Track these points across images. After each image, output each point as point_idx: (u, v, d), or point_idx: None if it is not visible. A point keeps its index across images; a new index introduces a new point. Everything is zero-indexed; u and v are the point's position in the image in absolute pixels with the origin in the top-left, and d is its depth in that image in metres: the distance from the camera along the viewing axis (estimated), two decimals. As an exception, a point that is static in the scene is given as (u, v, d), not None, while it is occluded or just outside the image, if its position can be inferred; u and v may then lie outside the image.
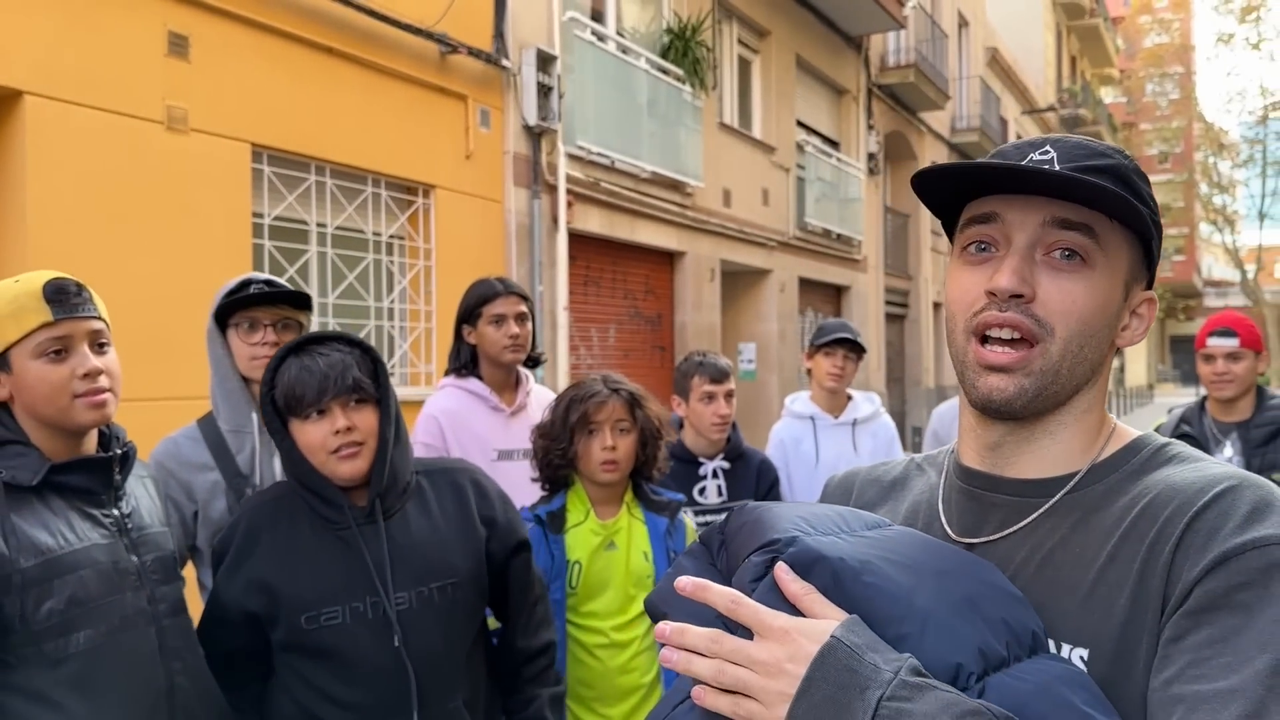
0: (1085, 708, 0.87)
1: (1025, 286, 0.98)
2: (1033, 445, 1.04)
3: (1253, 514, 0.89)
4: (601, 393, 2.51)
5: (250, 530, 1.92)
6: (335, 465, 1.87)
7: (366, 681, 1.86)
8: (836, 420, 3.99)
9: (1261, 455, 3.47)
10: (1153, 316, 1.06)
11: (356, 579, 1.87)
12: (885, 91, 16.28)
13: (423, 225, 7.34)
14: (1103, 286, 0.99)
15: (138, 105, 5.30)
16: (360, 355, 1.93)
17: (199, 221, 5.58)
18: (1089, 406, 1.04)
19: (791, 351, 12.97)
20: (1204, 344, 3.51)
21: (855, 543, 0.96)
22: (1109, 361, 1.05)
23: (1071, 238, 0.98)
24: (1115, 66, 38.29)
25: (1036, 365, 0.99)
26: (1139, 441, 1.05)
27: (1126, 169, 1.00)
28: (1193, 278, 54.39)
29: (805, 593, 0.89)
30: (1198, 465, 0.98)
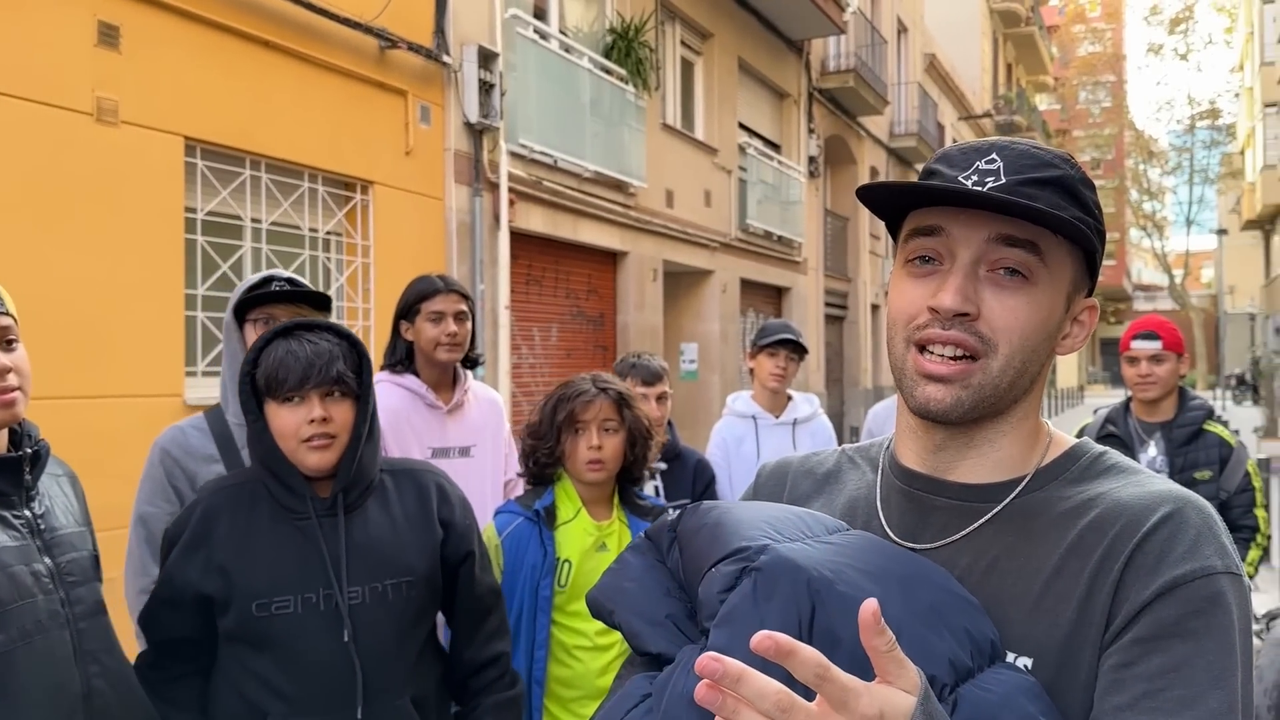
0: (1041, 717, 0.89)
1: (969, 305, 0.97)
2: (974, 451, 1.05)
3: (1198, 539, 0.92)
4: (589, 391, 2.50)
5: (207, 514, 1.91)
6: (304, 455, 1.86)
7: (312, 674, 1.84)
8: (778, 420, 4.04)
9: (1184, 454, 3.57)
10: (1094, 323, 1.06)
11: (311, 570, 1.86)
12: (825, 96, 16.45)
13: (361, 222, 7.25)
14: (1045, 301, 1.00)
15: (66, 96, 5.16)
16: (347, 348, 1.92)
17: (130, 216, 5.45)
18: (1026, 414, 1.05)
19: (733, 352, 13.05)
20: (1128, 347, 3.61)
21: (823, 549, 0.95)
22: (1047, 370, 1.07)
23: (1016, 255, 0.98)
24: (1050, 74, 39.11)
25: (976, 379, 0.99)
26: (1078, 449, 1.06)
27: (1073, 180, 1.00)
28: (1123, 282, 55.81)
29: (888, 649, 0.77)
30: (1139, 479, 1.00)
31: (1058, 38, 43.75)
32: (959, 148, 1.03)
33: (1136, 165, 42.92)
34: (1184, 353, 3.59)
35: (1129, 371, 3.62)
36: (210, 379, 6.14)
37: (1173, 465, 3.56)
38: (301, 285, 2.49)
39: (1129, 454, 3.62)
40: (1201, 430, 3.58)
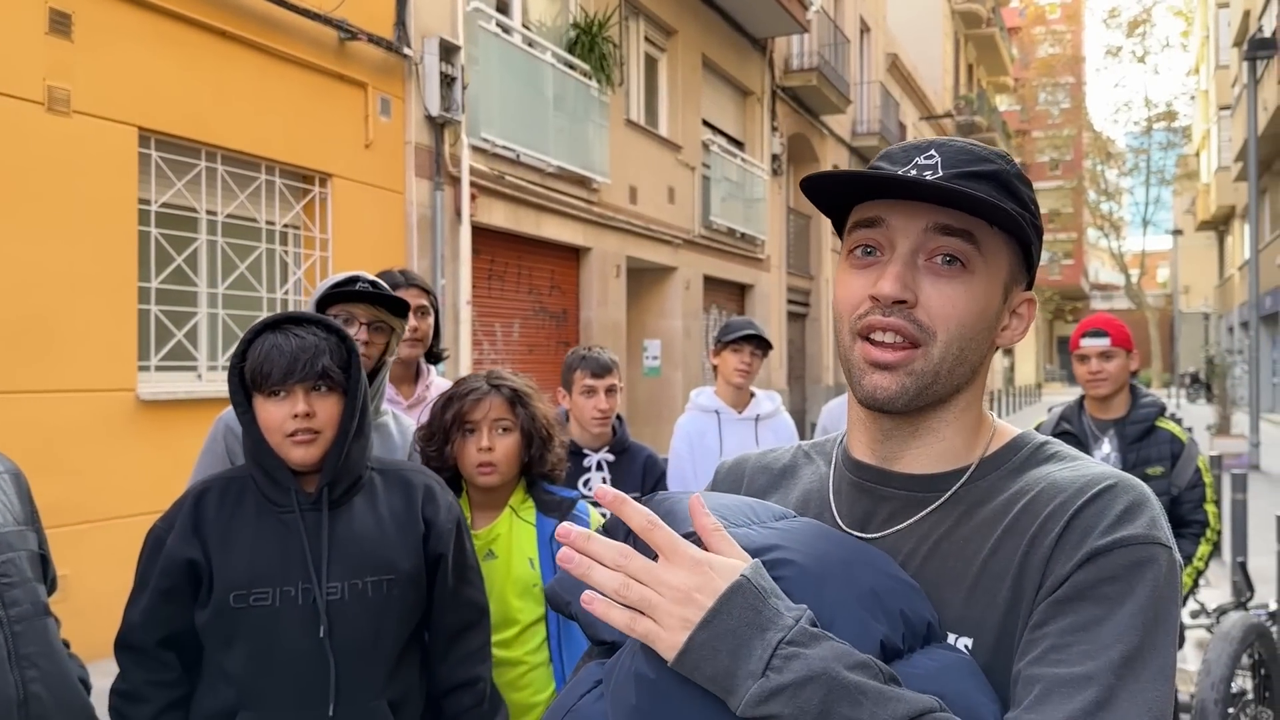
0: (974, 693, 0.91)
1: (907, 292, 1.00)
2: (919, 441, 1.07)
3: (1125, 513, 0.94)
4: (480, 389, 2.34)
5: (196, 505, 1.90)
6: (289, 449, 1.85)
7: (286, 670, 1.82)
8: (740, 415, 4.05)
9: (1137, 450, 3.62)
10: (1032, 316, 1.09)
11: (292, 563, 1.85)
12: (789, 94, 16.52)
13: (319, 215, 7.17)
14: (982, 291, 1.02)
15: (16, 85, 5.06)
16: (335, 343, 1.90)
17: (82, 208, 5.35)
18: (968, 404, 1.07)
19: (696, 348, 13.07)
20: (1078, 345, 3.65)
21: (766, 534, 0.98)
22: (988, 361, 1.09)
23: (952, 244, 1.00)
24: (1010, 75, 39.57)
25: (918, 366, 1.01)
26: (1020, 439, 1.08)
27: (1008, 174, 1.03)
28: (1080, 281, 56.57)
29: (714, 528, 0.91)
30: (1077, 464, 1.02)
31: (1018, 39, 44.26)
32: (900, 146, 1.07)
33: (1094, 166, 43.53)
34: (1133, 349, 3.64)
35: (1080, 369, 3.66)
36: (163, 374, 6.05)
37: (1125, 461, 3.61)
38: (384, 289, 2.52)
39: (1083, 450, 3.66)
40: (1154, 427, 3.63)
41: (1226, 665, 3.21)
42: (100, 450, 5.46)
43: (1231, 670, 3.24)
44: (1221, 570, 8.10)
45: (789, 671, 0.83)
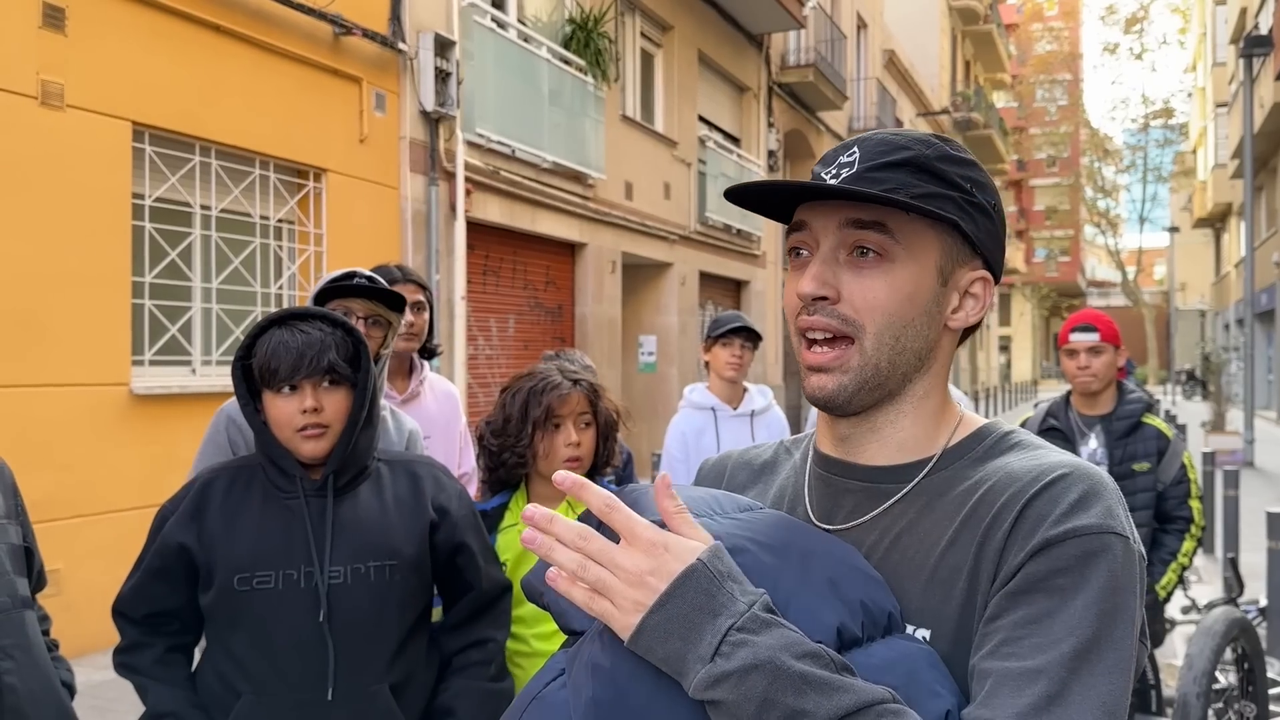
0: (932, 684, 0.91)
1: (826, 289, 1.02)
2: (878, 434, 1.07)
3: (1079, 502, 0.94)
4: (564, 384, 2.30)
5: (204, 489, 1.93)
6: (299, 443, 1.88)
7: (286, 652, 1.84)
8: (736, 411, 4.05)
9: (1123, 446, 3.64)
10: (989, 295, 1.07)
11: (295, 547, 1.87)
12: (785, 90, 16.53)
13: (314, 209, 7.18)
14: (906, 277, 1.02)
15: (10, 79, 5.06)
16: (341, 337, 1.92)
17: (75, 202, 5.36)
18: (926, 393, 1.07)
19: (692, 344, 13.09)
20: (1067, 340, 3.67)
21: (726, 524, 0.99)
22: (943, 347, 1.07)
23: (865, 236, 1.01)
24: (1007, 72, 39.55)
25: (853, 362, 1.02)
26: (985, 429, 1.08)
27: (926, 159, 1.03)
28: (1077, 278, 56.59)
29: (677, 510, 0.92)
30: (1036, 453, 1.02)
31: (1016, 36, 44.24)
32: (834, 147, 1.09)
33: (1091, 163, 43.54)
34: (1121, 344, 3.66)
35: (1068, 364, 3.68)
36: (157, 368, 6.06)
37: (1112, 457, 3.63)
38: (381, 284, 2.53)
39: (1070, 447, 3.68)
40: (1140, 423, 3.65)
41: (1209, 660, 3.23)
42: (93, 445, 5.47)
43: (1214, 665, 3.26)
44: (1213, 566, 8.13)
45: (735, 659, 0.84)
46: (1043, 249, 55.15)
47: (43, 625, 2.02)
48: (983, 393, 30.43)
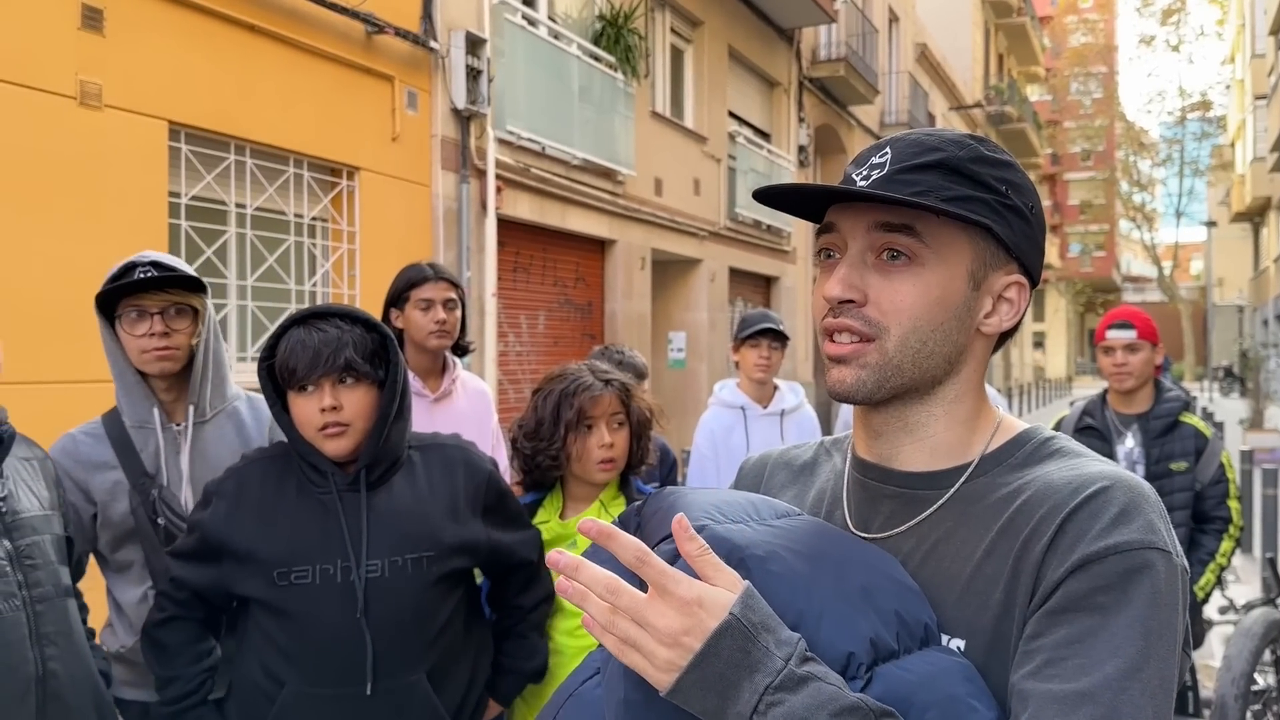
0: (969, 699, 0.90)
1: (854, 292, 1.01)
2: (910, 437, 1.06)
3: (1119, 516, 0.92)
4: (595, 385, 2.28)
5: (242, 481, 1.95)
6: (322, 442, 1.89)
7: (325, 646, 1.86)
8: (766, 410, 4.04)
9: (1160, 445, 3.60)
10: (1024, 300, 1.05)
11: (331, 542, 1.89)
12: (816, 85, 16.44)
13: (346, 208, 7.23)
14: (936, 281, 1.01)
15: (49, 80, 5.14)
16: (361, 333, 1.92)
17: (113, 200, 5.43)
18: (958, 397, 1.05)
19: (722, 341, 13.07)
20: (1103, 337, 3.63)
21: (762, 531, 0.99)
22: (975, 351, 1.06)
23: (894, 239, 1.01)
24: (1041, 65, 39.11)
25: (872, 359, 1.02)
26: (1025, 435, 1.06)
27: (959, 160, 1.01)
28: (1112, 273, 55.91)
29: (700, 553, 0.90)
30: (1076, 463, 1.00)
31: (1050, 28, 43.74)
32: (868, 146, 1.08)
33: (1127, 157, 42.97)
34: (1158, 342, 3.61)
35: (1105, 361, 3.64)
36: (194, 364, 6.12)
37: (1149, 456, 3.58)
38: (170, 267, 2.25)
39: (1106, 446, 3.64)
40: (1178, 422, 3.61)
41: (1247, 661, 3.19)
42: (131, 440, 5.53)
43: (1253, 666, 3.22)
44: (1252, 566, 8.02)
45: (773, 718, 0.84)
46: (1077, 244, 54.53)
47: (81, 615, 2.07)
48: (1016, 390, 30.16)
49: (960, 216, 0.99)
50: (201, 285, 2.33)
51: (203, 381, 2.34)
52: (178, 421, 2.31)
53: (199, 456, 2.31)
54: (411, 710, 1.90)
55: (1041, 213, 1.07)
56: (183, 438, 2.30)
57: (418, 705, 1.90)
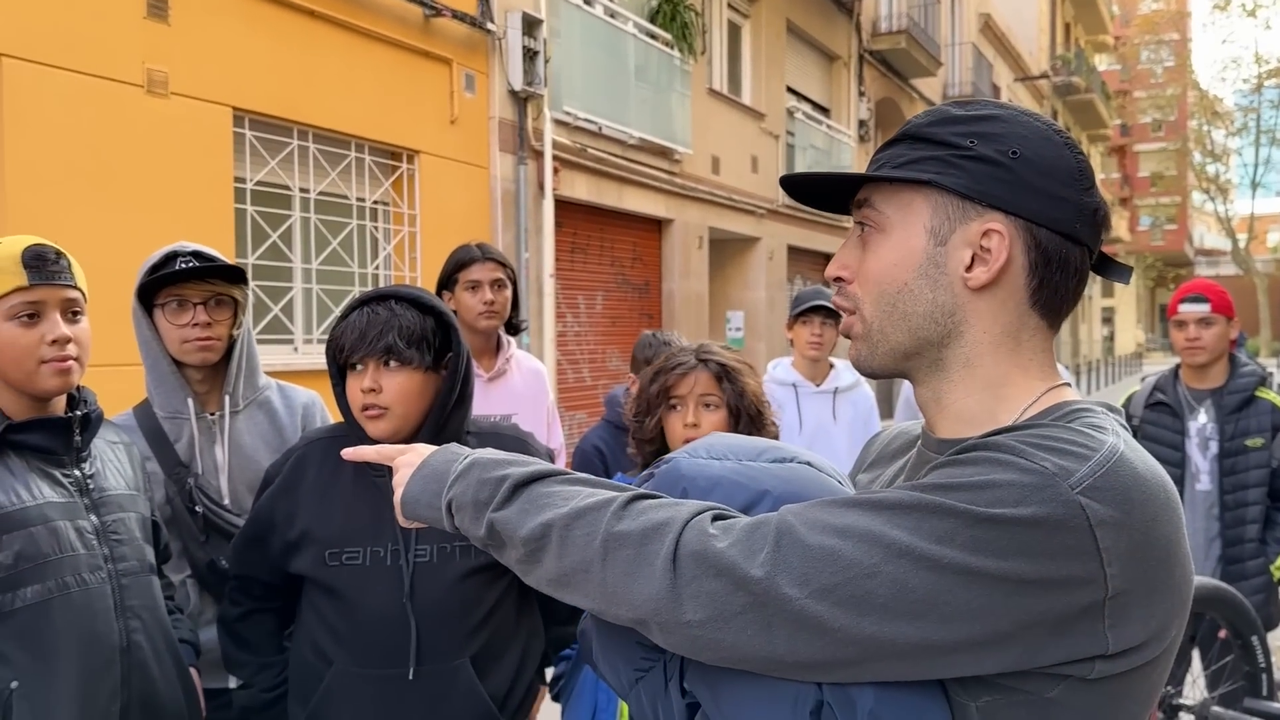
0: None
1: (844, 270, 1.09)
2: (938, 405, 1.06)
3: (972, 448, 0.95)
4: (687, 363, 2.24)
5: (300, 463, 1.99)
6: (364, 422, 1.89)
7: (372, 628, 1.89)
8: (818, 388, 4.01)
9: (1235, 421, 3.49)
10: (1003, 248, 0.99)
11: (383, 525, 1.91)
12: (877, 57, 16.19)
13: (407, 191, 7.31)
14: (892, 244, 1.04)
15: (117, 68, 5.26)
16: (417, 317, 1.90)
17: (180, 186, 5.55)
18: (969, 361, 1.03)
19: (780, 319, 12.98)
20: (1176, 311, 3.53)
21: (729, 467, 1.07)
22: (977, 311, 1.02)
23: (860, 214, 1.08)
24: (1110, 33, 38.07)
25: (858, 329, 1.08)
26: (1058, 406, 1.01)
27: (918, 127, 1.06)
28: (1184, 247, 54.44)
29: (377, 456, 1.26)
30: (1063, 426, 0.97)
31: (1119, -5, 42.51)
32: None
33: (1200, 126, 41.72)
34: (1234, 316, 3.50)
35: (1177, 336, 3.54)
36: (260, 347, 6.24)
37: (1223, 433, 3.49)
38: (210, 257, 2.26)
39: (1178, 422, 3.55)
40: (1253, 397, 3.50)
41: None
42: (202, 420, 5.67)
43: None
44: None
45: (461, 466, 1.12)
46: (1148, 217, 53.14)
47: (167, 593, 2.14)
48: (1085, 366, 29.55)
49: (888, 178, 1.03)
50: (242, 276, 2.34)
51: (238, 372, 2.36)
52: (211, 411, 2.34)
53: (233, 446, 2.34)
54: (454, 695, 1.91)
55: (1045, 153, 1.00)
56: (218, 427, 2.32)
57: (461, 690, 1.91)
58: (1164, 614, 0.89)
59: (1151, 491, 0.89)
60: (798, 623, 0.87)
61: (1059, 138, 1.02)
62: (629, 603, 0.95)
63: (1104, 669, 0.88)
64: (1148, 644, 0.89)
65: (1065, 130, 1.04)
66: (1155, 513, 0.88)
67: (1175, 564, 0.90)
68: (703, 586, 0.90)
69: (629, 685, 1.06)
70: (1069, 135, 1.04)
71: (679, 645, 0.94)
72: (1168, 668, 0.95)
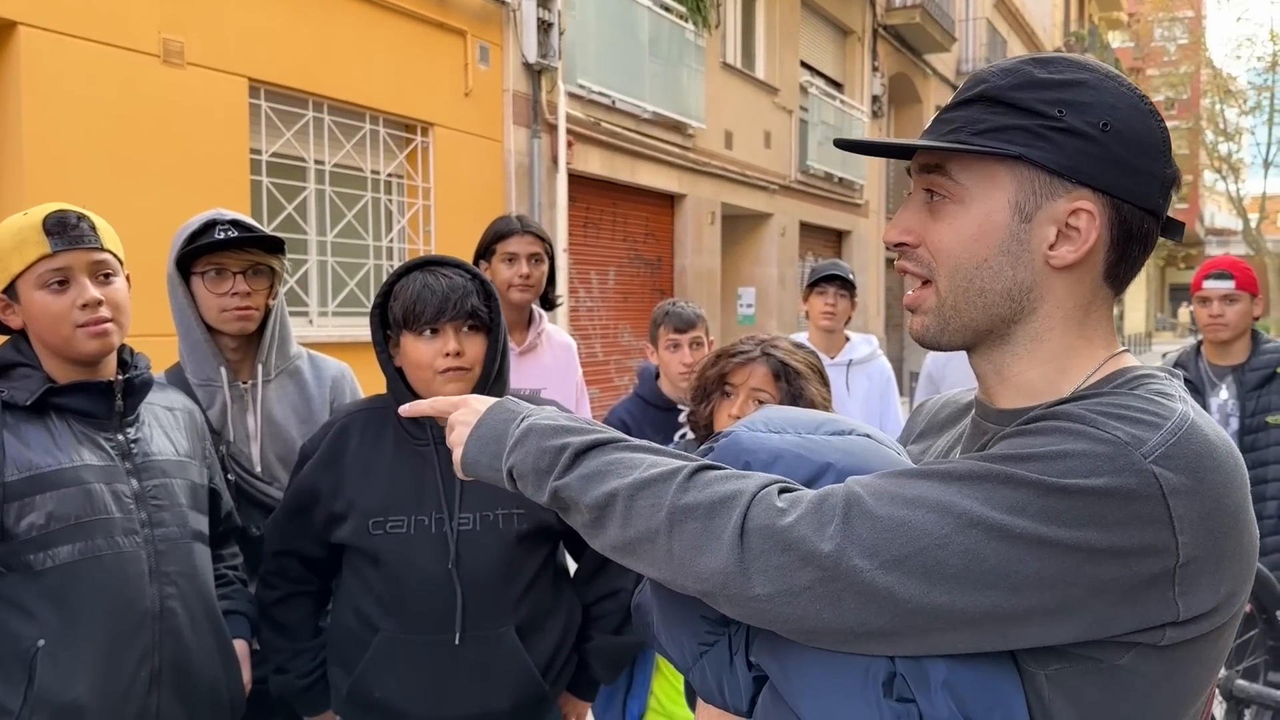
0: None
1: (908, 235, 1.04)
2: (1000, 378, 1.05)
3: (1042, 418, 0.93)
4: (748, 352, 2.18)
5: (341, 432, 2.00)
6: (440, 385, 1.91)
7: (417, 595, 1.91)
8: (833, 360, 4.01)
9: (1256, 398, 3.49)
10: (1093, 228, 0.97)
11: (427, 494, 1.93)
12: (890, 32, 16.07)
13: (421, 164, 7.29)
14: (972, 217, 1.00)
15: (133, 38, 5.24)
16: (478, 285, 1.96)
17: (196, 157, 5.54)
18: (1038, 335, 1.02)
19: (791, 296, 12.96)
20: (1200, 287, 3.51)
21: (790, 440, 1.05)
22: (1051, 288, 1.01)
23: (931, 180, 1.02)
24: (1124, 10, 37.71)
25: (930, 303, 1.04)
26: (1121, 371, 1.01)
27: (1000, 89, 0.99)
28: (1195, 226, 54.15)
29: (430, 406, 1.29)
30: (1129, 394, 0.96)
31: (1134, -29, 42.10)
32: None
33: (1213, 105, 41.38)
34: (1258, 293, 3.49)
35: (1200, 312, 3.53)
36: (276, 319, 6.25)
37: (1244, 409, 3.48)
38: (248, 226, 2.24)
39: (1200, 399, 3.55)
40: (1275, 374, 3.49)
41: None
42: (219, 392, 5.69)
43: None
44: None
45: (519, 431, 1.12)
46: (1158, 196, 52.70)
47: (232, 562, 2.16)
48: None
49: (975, 150, 0.97)
50: (280, 246, 2.34)
51: (272, 341, 2.36)
52: (244, 380, 2.34)
53: (264, 415, 2.35)
54: (500, 661, 1.93)
55: (1134, 124, 0.98)
56: (250, 396, 2.33)
57: (506, 656, 1.94)
58: (1232, 580, 0.89)
59: (1221, 459, 0.88)
60: (868, 594, 0.87)
61: (1144, 105, 0.99)
62: (696, 575, 0.94)
63: (1174, 635, 0.87)
64: (1217, 610, 0.89)
65: (1146, 95, 1.01)
66: (1226, 480, 0.88)
67: (1244, 531, 0.89)
68: (771, 560, 0.90)
69: (693, 660, 1.05)
70: (1151, 102, 1.01)
71: (748, 617, 0.94)
72: (1233, 633, 0.94)
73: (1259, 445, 3.47)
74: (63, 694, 1.67)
